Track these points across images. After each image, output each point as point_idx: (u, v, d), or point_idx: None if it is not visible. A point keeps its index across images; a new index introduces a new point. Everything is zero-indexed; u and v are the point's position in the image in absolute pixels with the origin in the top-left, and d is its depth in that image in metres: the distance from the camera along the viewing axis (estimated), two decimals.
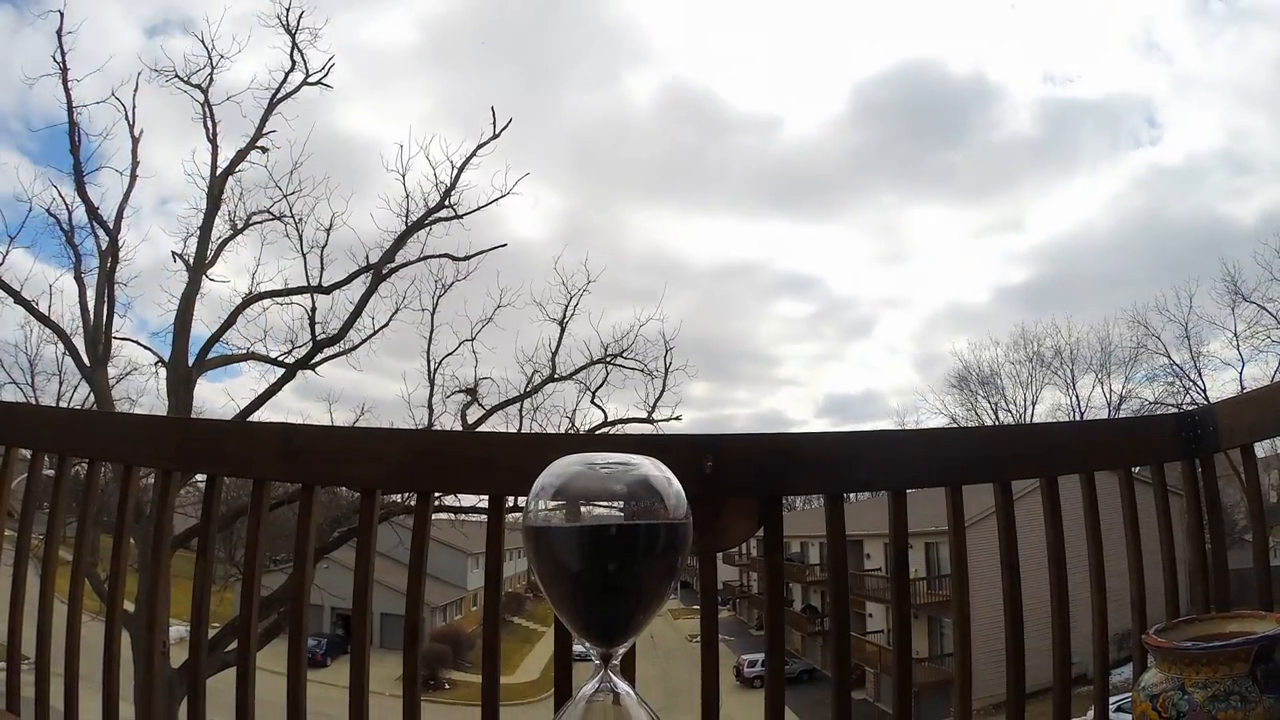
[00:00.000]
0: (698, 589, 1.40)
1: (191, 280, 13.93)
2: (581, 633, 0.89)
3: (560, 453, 0.89)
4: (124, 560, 1.61)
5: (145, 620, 1.66)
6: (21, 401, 13.77)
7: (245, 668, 1.43)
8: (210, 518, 1.52)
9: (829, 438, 1.47)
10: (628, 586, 0.86)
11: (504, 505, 1.37)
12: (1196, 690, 1.17)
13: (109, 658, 1.52)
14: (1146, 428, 1.90)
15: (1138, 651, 1.41)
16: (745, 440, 1.42)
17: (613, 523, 0.87)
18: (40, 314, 13.59)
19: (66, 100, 13.60)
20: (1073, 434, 1.88)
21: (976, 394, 31.07)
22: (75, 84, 13.71)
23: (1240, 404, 1.82)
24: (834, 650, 1.48)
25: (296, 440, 1.48)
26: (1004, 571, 1.45)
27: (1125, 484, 1.62)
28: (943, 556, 22.03)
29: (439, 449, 1.51)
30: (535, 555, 0.86)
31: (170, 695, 7.36)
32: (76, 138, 13.63)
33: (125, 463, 1.62)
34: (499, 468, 1.36)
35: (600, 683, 0.89)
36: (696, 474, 1.29)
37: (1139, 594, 1.53)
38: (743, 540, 1.42)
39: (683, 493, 0.87)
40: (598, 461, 0.90)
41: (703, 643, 1.36)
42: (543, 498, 0.87)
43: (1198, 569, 1.63)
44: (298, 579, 1.46)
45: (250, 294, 14.40)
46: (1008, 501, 1.50)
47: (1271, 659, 1.18)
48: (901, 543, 1.46)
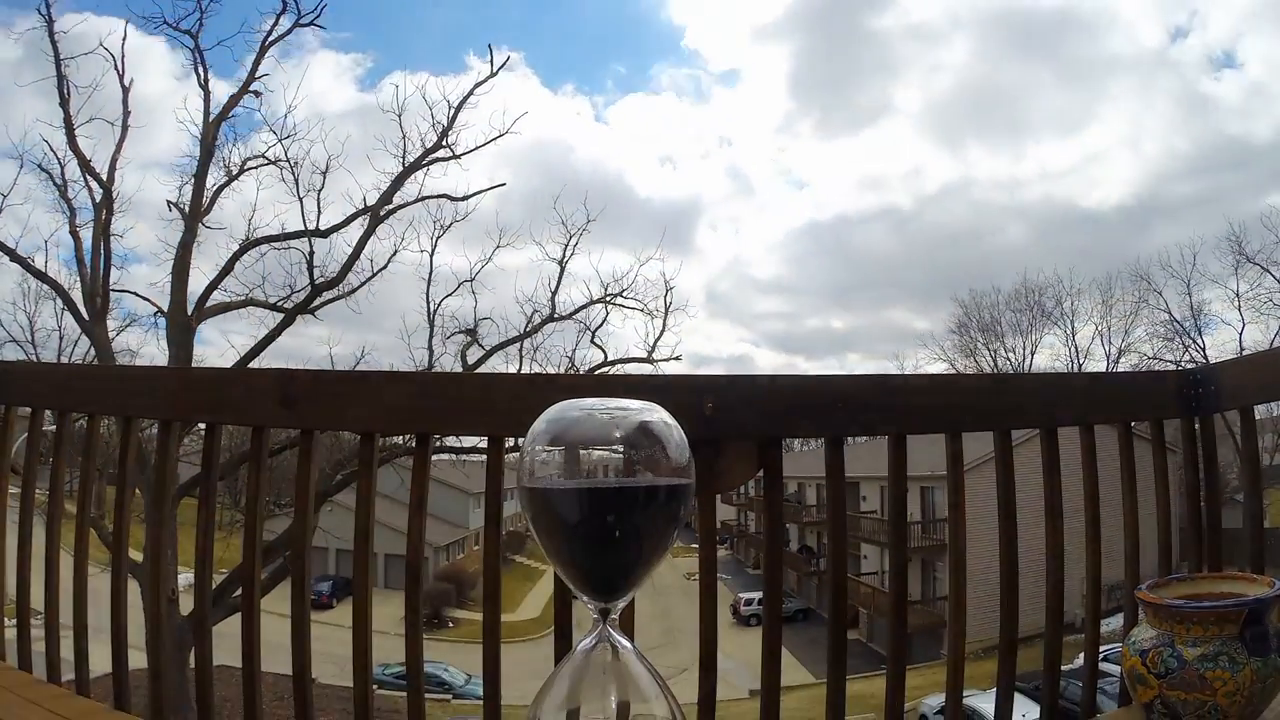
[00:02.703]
0: (695, 528, 1.40)
1: (188, 229, 13.79)
2: (580, 587, 0.86)
3: (560, 393, 0.87)
4: (127, 512, 1.62)
5: (150, 570, 1.68)
6: (19, 360, 13.76)
7: (250, 613, 1.45)
8: (211, 467, 1.52)
9: (831, 380, 1.45)
10: (628, 540, 0.83)
11: (504, 446, 1.36)
12: (1187, 648, 1.19)
13: (117, 609, 1.55)
14: (1148, 383, 1.88)
15: (1129, 605, 1.43)
16: (746, 382, 1.41)
17: (611, 473, 0.83)
18: (37, 270, 13.52)
19: (54, 53, 13.29)
20: (1074, 385, 1.87)
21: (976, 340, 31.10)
22: (62, 36, 13.39)
23: (1242, 365, 1.81)
24: (831, 595, 1.50)
25: (294, 386, 1.46)
26: (1001, 519, 1.46)
27: (1124, 438, 1.62)
28: (938, 500, 22.31)
29: (438, 390, 1.49)
30: (531, 509, 0.83)
31: (180, 642, 7.53)
32: (66, 90, 13.37)
33: (124, 415, 1.62)
34: (498, 409, 1.35)
35: (598, 638, 0.87)
36: (697, 416, 1.28)
37: (1133, 549, 1.54)
38: (743, 482, 1.42)
39: (685, 440, 0.84)
40: (596, 407, 0.86)
41: (701, 587, 1.36)
42: (539, 442, 0.83)
43: (1192, 527, 1.64)
44: (299, 525, 1.47)
45: (247, 240, 14.28)
46: (1007, 450, 1.49)
47: (1261, 622, 1.19)
48: (900, 489, 1.46)
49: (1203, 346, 25.07)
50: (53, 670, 1.63)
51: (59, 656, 1.64)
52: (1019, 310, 30.37)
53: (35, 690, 1.55)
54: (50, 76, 13.29)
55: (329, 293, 14.38)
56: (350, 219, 14.56)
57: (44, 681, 1.61)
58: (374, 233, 14.55)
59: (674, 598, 23.27)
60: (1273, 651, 1.18)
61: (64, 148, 13.52)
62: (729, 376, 1.37)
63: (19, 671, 1.67)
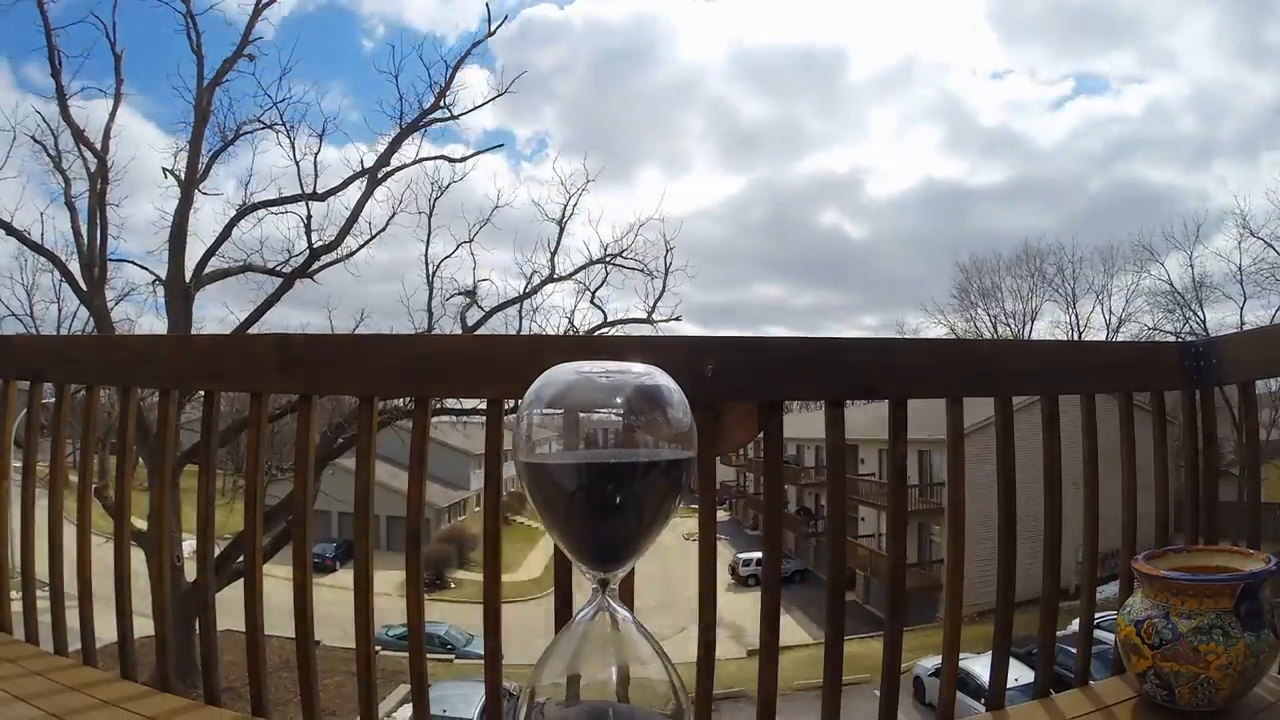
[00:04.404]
0: (694, 489, 1.40)
1: (184, 196, 13.68)
2: (579, 558, 0.84)
3: (559, 355, 0.86)
4: (128, 481, 1.62)
5: (154, 538, 1.69)
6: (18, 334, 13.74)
7: (252, 578, 1.46)
8: (210, 434, 1.51)
9: (832, 343, 1.44)
10: (628, 510, 0.81)
11: (503, 408, 1.35)
12: (1181, 620, 1.20)
13: (120, 577, 1.55)
14: (1149, 354, 1.87)
15: (1124, 574, 1.43)
16: (747, 343, 1.40)
17: (611, 438, 0.81)
18: (33, 243, 13.45)
19: (44, 23, 13.07)
20: (1075, 353, 1.86)
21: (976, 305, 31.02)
22: (51, 3, 13.15)
23: (1246, 339, 1.80)
24: (830, 559, 1.51)
25: (292, 350, 1.45)
26: (999, 485, 1.46)
27: (1125, 408, 1.61)
28: (935, 464, 22.42)
29: (437, 352, 1.48)
30: (527, 479, 0.81)
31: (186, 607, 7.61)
32: (57, 61, 13.18)
33: (122, 385, 1.61)
34: (498, 371, 1.34)
35: (598, 607, 0.85)
36: (697, 377, 1.28)
37: (1130, 518, 1.54)
38: (743, 444, 1.41)
39: (686, 403, 0.83)
40: (596, 370, 0.83)
41: (701, 549, 1.36)
42: (536, 408, 0.82)
43: (1189, 499, 1.64)
44: (300, 489, 1.47)
45: (245, 205, 14.17)
46: (1007, 415, 1.49)
47: (1255, 597, 1.20)
48: (901, 453, 1.45)
49: (1203, 319, 25.02)
50: (59, 641, 1.64)
51: (65, 627, 1.65)
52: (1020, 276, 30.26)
53: (42, 662, 1.57)
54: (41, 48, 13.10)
55: (327, 256, 14.32)
56: (348, 182, 14.48)
57: (50, 653, 1.63)
58: (372, 195, 14.45)
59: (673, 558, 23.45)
60: (1266, 627, 1.19)
61: (57, 119, 13.36)
62: (730, 337, 1.35)
63: (25, 644, 1.69)
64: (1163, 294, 26.14)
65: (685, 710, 0.85)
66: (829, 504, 1.64)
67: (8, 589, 1.76)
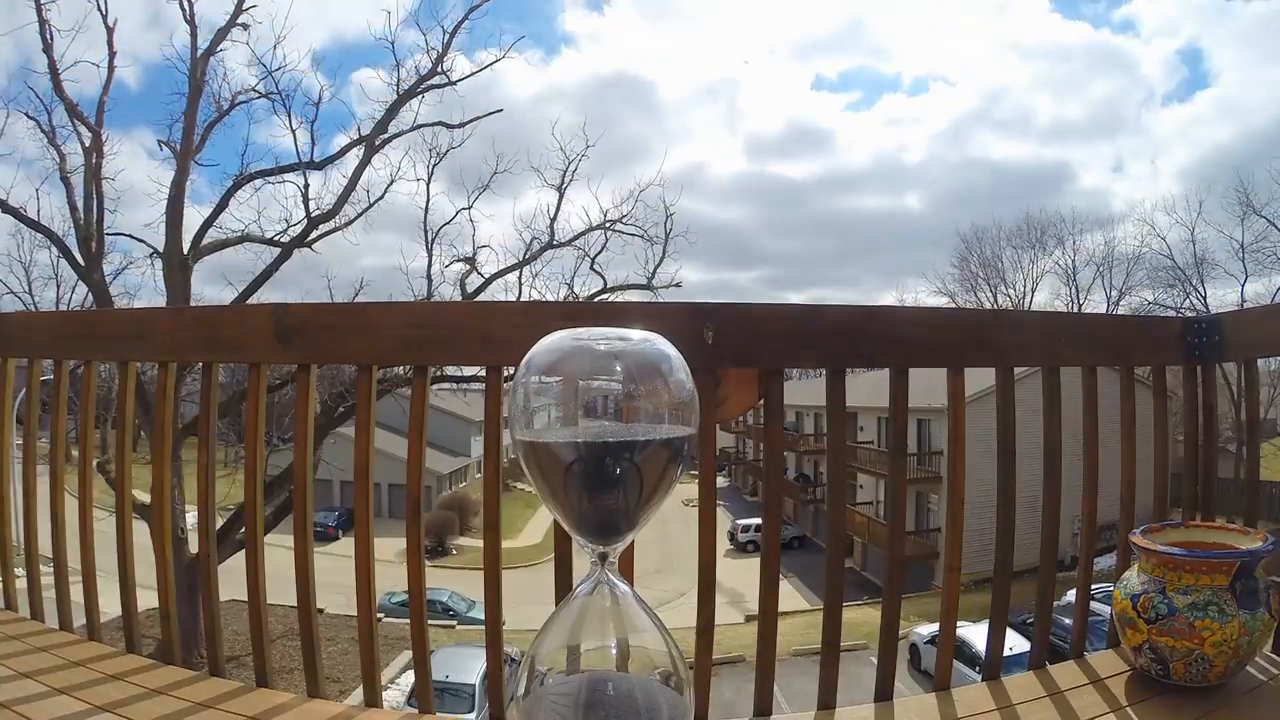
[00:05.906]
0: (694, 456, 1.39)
1: (180, 167, 13.54)
2: (578, 532, 0.83)
3: (558, 321, 0.84)
4: (127, 455, 1.62)
5: (155, 512, 1.69)
6: (16, 311, 13.68)
7: (254, 548, 1.47)
8: (209, 407, 1.51)
9: (833, 311, 1.42)
10: (628, 482, 0.79)
11: (503, 375, 1.34)
12: (1178, 596, 1.20)
13: (122, 552, 1.56)
14: (1152, 328, 1.86)
15: (1122, 548, 1.43)
16: (747, 310, 1.38)
17: (610, 408, 0.78)
18: (30, 219, 13.33)
19: None
20: (1078, 325, 1.84)
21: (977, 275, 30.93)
22: None
23: (1248, 316, 1.78)
24: (830, 529, 1.50)
25: (289, 319, 1.43)
26: (999, 454, 1.45)
27: (1126, 381, 1.60)
28: (933, 432, 22.47)
29: (435, 320, 1.47)
30: (523, 453, 0.80)
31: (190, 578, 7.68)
32: (49, 35, 12.94)
33: (120, 359, 1.60)
34: (496, 338, 1.33)
35: (597, 581, 0.84)
36: (697, 344, 1.27)
37: (1129, 493, 1.54)
38: (743, 412, 1.40)
39: (687, 370, 0.81)
40: (594, 337, 0.81)
41: (701, 516, 1.36)
42: (533, 375, 0.80)
43: (1188, 474, 1.64)
44: (300, 459, 1.46)
45: (241, 175, 14.03)
46: (1008, 385, 1.49)
47: (1251, 575, 1.20)
48: (902, 421, 1.44)
49: (1204, 294, 24.97)
50: (64, 617, 1.65)
51: (70, 603, 1.66)
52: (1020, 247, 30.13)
53: (47, 638, 1.58)
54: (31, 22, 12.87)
55: (325, 225, 14.21)
56: (345, 149, 14.34)
57: (56, 629, 1.64)
58: (369, 162, 14.31)
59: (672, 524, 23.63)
60: (1261, 606, 1.19)
61: (49, 93, 13.18)
62: (731, 304, 1.33)
63: (30, 621, 1.70)
64: (1164, 269, 26.09)
65: (685, 682, 0.85)
66: (829, 473, 1.64)
67: (11, 566, 1.77)
